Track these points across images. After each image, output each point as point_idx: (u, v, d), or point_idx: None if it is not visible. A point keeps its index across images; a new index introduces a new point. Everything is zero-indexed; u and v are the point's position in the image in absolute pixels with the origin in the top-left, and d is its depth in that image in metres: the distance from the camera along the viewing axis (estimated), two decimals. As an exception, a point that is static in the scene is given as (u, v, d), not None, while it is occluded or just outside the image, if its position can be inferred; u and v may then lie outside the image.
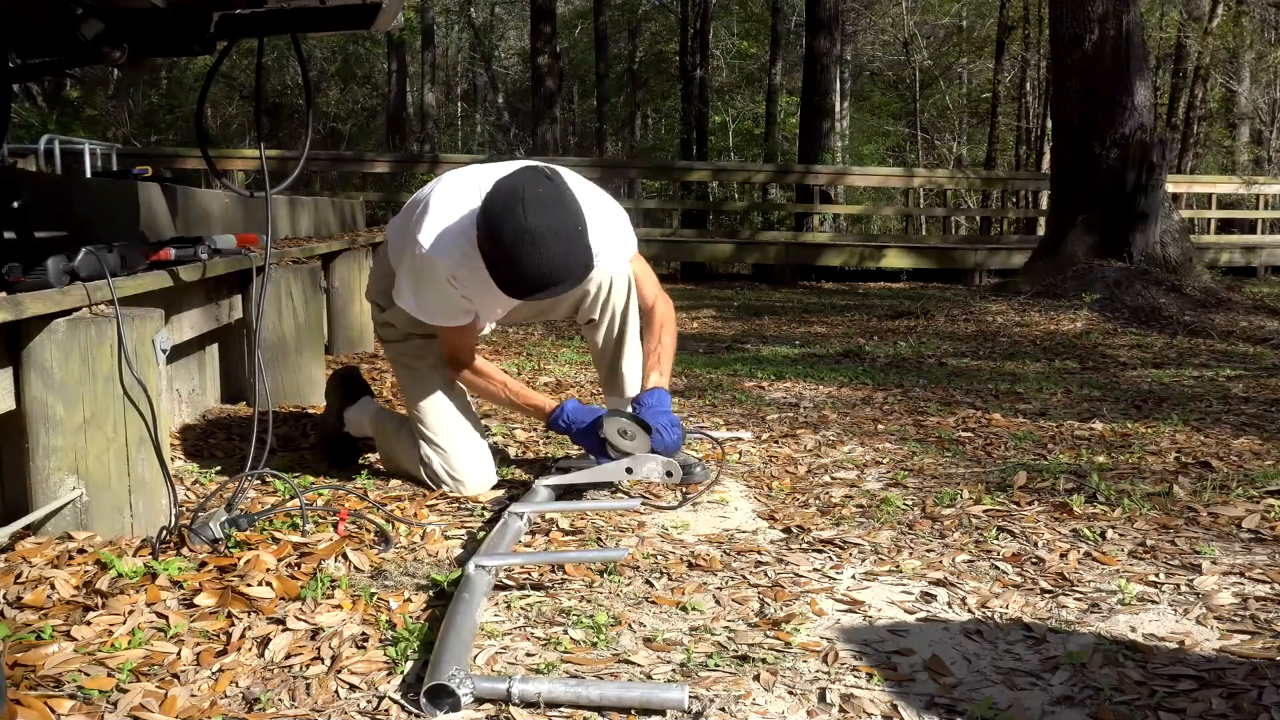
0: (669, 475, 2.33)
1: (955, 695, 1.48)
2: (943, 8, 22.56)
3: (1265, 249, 12.79)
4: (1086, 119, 7.61)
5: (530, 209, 2.00)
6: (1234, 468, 2.74)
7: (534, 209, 2.00)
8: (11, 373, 1.92)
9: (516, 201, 2.02)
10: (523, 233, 1.99)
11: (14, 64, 2.45)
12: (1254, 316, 6.67)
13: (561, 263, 2.04)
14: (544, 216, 2.01)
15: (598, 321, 2.58)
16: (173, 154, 12.01)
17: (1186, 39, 18.06)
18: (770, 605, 1.80)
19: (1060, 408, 3.64)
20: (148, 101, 21.09)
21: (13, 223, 2.29)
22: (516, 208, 2.01)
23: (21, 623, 1.66)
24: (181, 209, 3.86)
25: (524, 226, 1.99)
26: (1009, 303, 6.98)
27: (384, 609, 1.76)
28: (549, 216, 2.02)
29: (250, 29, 2.43)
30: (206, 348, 3.42)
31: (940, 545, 2.13)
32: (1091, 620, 1.75)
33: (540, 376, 4.18)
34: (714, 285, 11.09)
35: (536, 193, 2.04)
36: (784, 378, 4.31)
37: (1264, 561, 2.02)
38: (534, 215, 2.00)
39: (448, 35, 28.26)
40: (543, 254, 2.01)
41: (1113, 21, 7.45)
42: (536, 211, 2.00)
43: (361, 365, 4.32)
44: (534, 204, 2.01)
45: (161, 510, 2.05)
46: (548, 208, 2.02)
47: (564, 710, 1.41)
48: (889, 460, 2.87)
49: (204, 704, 1.43)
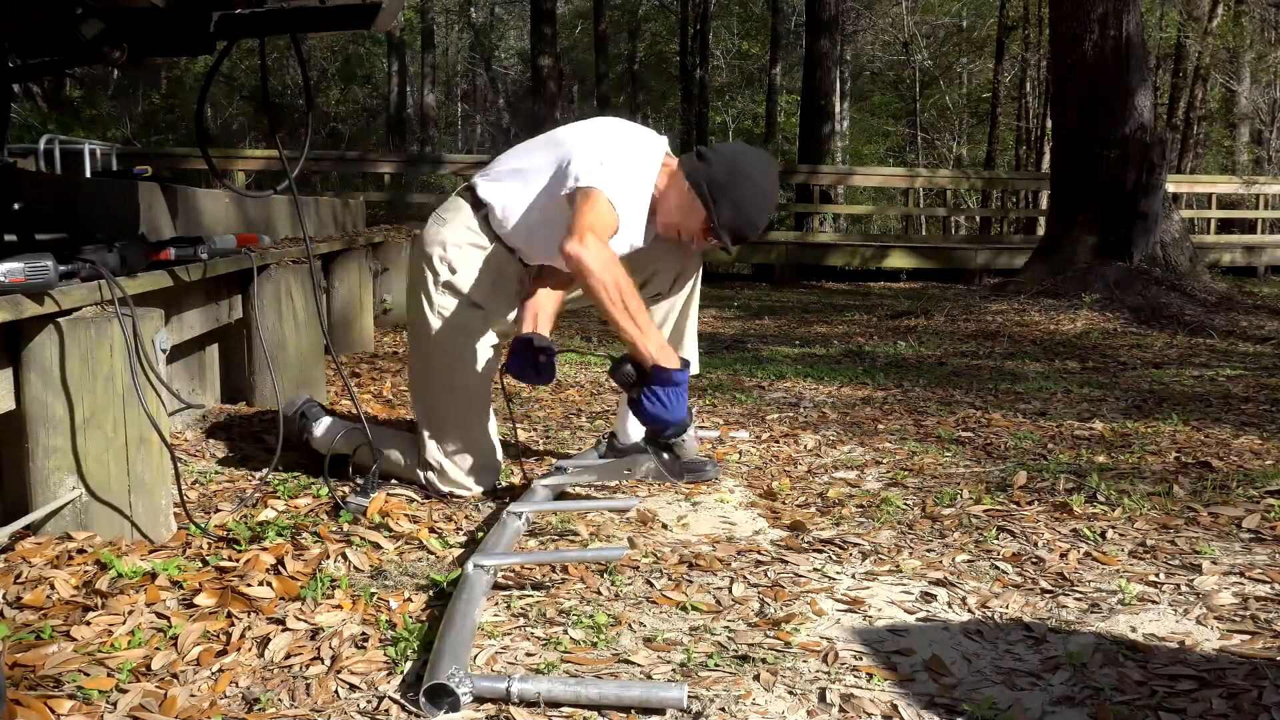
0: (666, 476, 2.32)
1: (955, 695, 1.48)
2: (943, 8, 22.57)
3: (1266, 249, 12.79)
4: (1086, 119, 7.61)
5: (775, 173, 2.40)
6: (1234, 468, 2.74)
7: (777, 175, 2.43)
8: (11, 373, 1.92)
9: (773, 162, 2.44)
10: (775, 189, 2.40)
11: (14, 64, 2.45)
12: (1254, 316, 6.67)
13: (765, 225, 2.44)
14: (778, 184, 2.46)
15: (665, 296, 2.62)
16: (173, 154, 12.03)
17: (1186, 39, 18.07)
18: (770, 605, 1.80)
19: (1060, 408, 3.64)
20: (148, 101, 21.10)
21: (13, 224, 2.29)
22: (774, 168, 2.41)
23: (21, 623, 1.65)
24: (181, 209, 3.86)
25: (776, 186, 2.40)
26: (1009, 303, 6.97)
27: (384, 609, 1.76)
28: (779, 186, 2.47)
29: (250, 29, 2.43)
30: (206, 348, 3.41)
31: (940, 545, 2.13)
32: (1092, 620, 1.75)
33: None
34: (714, 285, 11.08)
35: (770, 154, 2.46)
36: (784, 377, 4.31)
37: (1264, 561, 2.02)
38: (777, 179, 2.42)
39: (447, 36, 28.26)
40: (771, 210, 2.44)
41: (1113, 21, 7.45)
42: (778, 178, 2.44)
43: (361, 365, 4.32)
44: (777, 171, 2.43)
45: (161, 510, 2.05)
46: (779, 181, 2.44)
47: (564, 710, 1.41)
48: (889, 460, 2.87)
49: (204, 704, 1.43)
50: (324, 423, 2.64)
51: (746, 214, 2.32)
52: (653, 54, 25.63)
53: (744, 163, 2.32)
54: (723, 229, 2.31)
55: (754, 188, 2.31)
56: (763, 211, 2.36)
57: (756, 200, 2.32)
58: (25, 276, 1.79)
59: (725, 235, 2.32)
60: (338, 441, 2.57)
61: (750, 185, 2.31)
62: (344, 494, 2.35)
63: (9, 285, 1.77)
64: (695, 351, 2.73)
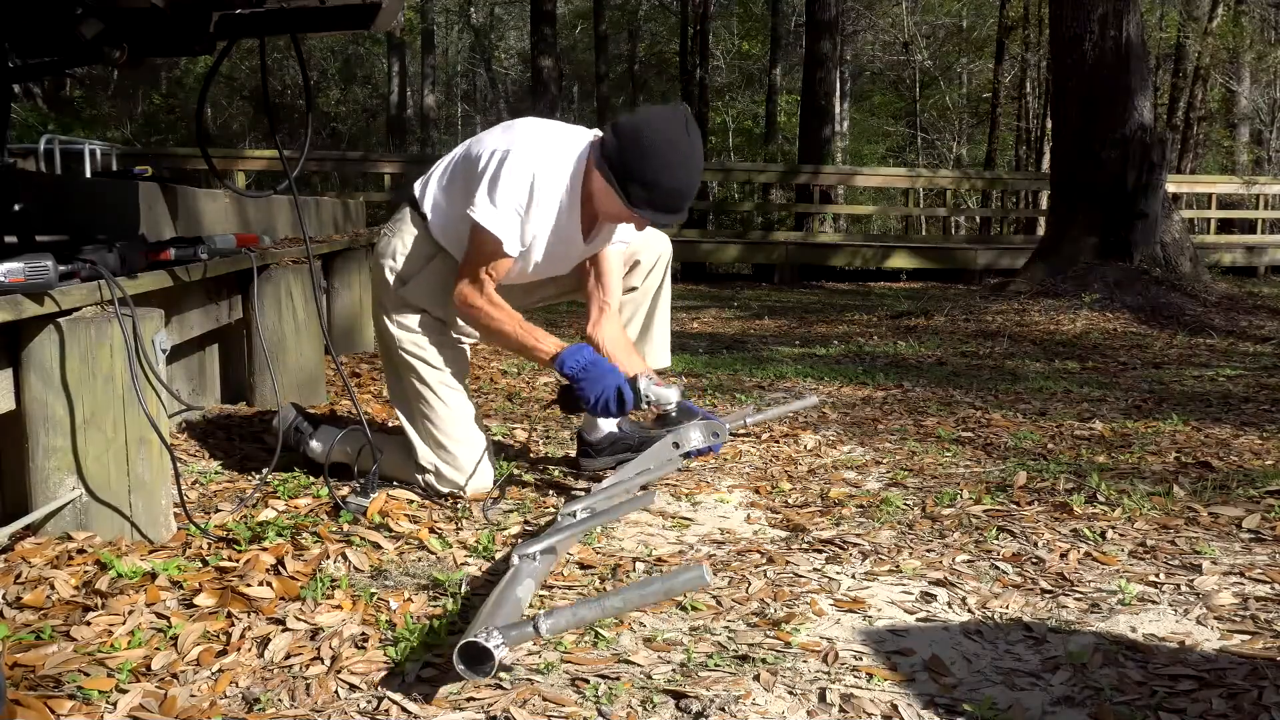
0: (715, 436, 2.36)
1: (955, 695, 1.48)
2: (943, 8, 22.57)
3: (1266, 249, 12.80)
4: (1086, 119, 7.61)
5: (693, 135, 2.19)
6: (1234, 468, 2.74)
7: (695, 136, 2.20)
8: (11, 373, 1.92)
9: (684, 121, 2.20)
10: (690, 149, 2.18)
11: (14, 64, 2.45)
12: (1254, 316, 6.67)
13: (692, 193, 2.23)
14: (700, 146, 2.22)
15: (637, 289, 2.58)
16: (173, 154, 12.02)
17: (1186, 39, 18.07)
18: (770, 605, 1.80)
19: (1060, 408, 3.64)
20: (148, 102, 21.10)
21: (13, 224, 2.29)
22: (683, 125, 2.19)
23: (21, 623, 1.66)
24: (181, 209, 3.86)
25: (691, 145, 2.18)
26: (1009, 303, 6.97)
27: (384, 609, 1.76)
28: (701, 148, 2.23)
29: (250, 29, 2.43)
30: (206, 348, 3.41)
31: (940, 545, 2.13)
32: (1092, 620, 1.75)
33: (540, 376, 4.18)
34: (715, 285, 11.09)
35: (689, 114, 2.24)
36: (785, 377, 4.31)
37: (1264, 561, 2.02)
38: (695, 141, 2.20)
39: (447, 36, 28.27)
40: (691, 177, 2.21)
41: (1113, 22, 7.45)
42: (697, 140, 2.21)
43: (361, 365, 4.32)
44: (695, 133, 2.20)
45: (161, 510, 2.05)
46: (700, 141, 2.22)
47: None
48: (889, 460, 2.87)
49: (204, 704, 1.43)
50: (320, 433, 2.61)
51: (662, 188, 2.17)
52: (653, 54, 25.63)
53: (645, 134, 2.17)
54: (639, 210, 2.19)
55: (659, 160, 2.15)
56: (678, 179, 2.18)
57: (666, 171, 2.16)
58: (25, 276, 1.79)
59: (645, 215, 2.21)
60: (334, 450, 2.55)
61: (655, 158, 2.15)
62: (344, 494, 2.35)
63: (9, 285, 1.77)
64: (665, 347, 2.67)
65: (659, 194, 2.17)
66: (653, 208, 2.19)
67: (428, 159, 13.63)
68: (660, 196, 2.17)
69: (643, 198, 2.18)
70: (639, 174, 2.16)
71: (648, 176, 2.15)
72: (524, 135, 2.29)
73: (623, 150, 2.17)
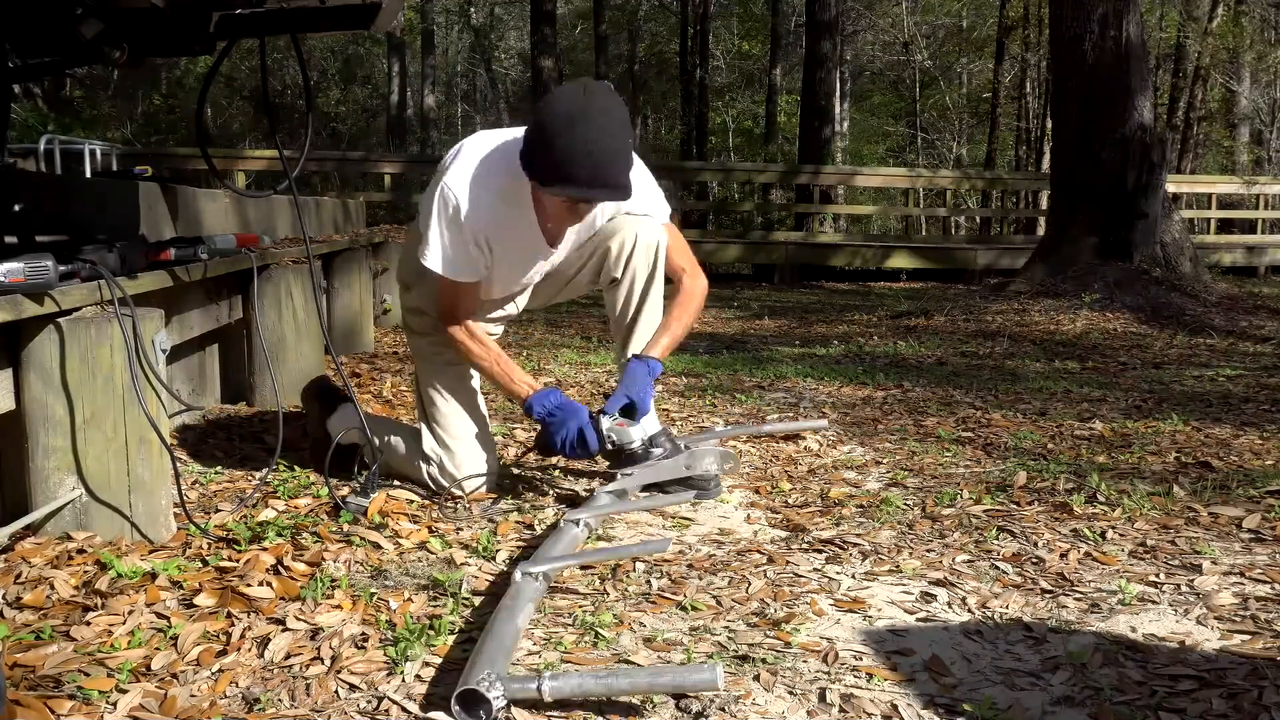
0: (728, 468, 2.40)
1: (955, 695, 1.48)
2: (943, 8, 22.57)
3: (1266, 249, 12.80)
4: (1086, 119, 7.61)
5: (591, 93, 2.04)
6: (1234, 468, 2.74)
7: (597, 94, 2.04)
8: (11, 373, 1.92)
9: (579, 89, 2.06)
10: (586, 111, 2.01)
11: (14, 64, 2.45)
12: (1254, 316, 6.67)
13: (612, 158, 2.04)
14: (606, 100, 2.04)
15: (620, 280, 2.47)
16: (173, 154, 12.02)
17: (1186, 39, 18.08)
18: (770, 605, 1.80)
19: (1060, 408, 3.64)
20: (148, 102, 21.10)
21: (13, 224, 2.29)
22: (578, 92, 2.05)
23: (21, 623, 1.66)
24: (181, 209, 3.86)
25: (586, 106, 2.01)
26: (1009, 303, 6.97)
27: (384, 609, 1.76)
28: (610, 102, 2.04)
29: (250, 29, 2.43)
30: (207, 348, 3.42)
31: (940, 545, 2.13)
32: (1092, 620, 1.75)
33: (540, 377, 4.18)
34: (715, 285, 11.08)
35: (598, 85, 2.09)
36: (784, 377, 4.31)
37: (1264, 561, 2.02)
38: (598, 99, 2.03)
39: (447, 36, 28.27)
40: (599, 137, 2.01)
41: (1113, 22, 7.45)
42: (600, 96, 2.04)
43: (361, 365, 4.32)
44: (596, 91, 2.05)
45: (161, 510, 2.05)
46: (608, 96, 2.06)
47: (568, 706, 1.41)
48: (889, 460, 2.87)
49: (204, 704, 1.43)
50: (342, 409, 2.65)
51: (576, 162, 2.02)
52: (653, 55, 25.64)
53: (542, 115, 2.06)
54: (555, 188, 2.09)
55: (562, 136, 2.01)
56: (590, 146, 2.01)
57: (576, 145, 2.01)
58: (25, 276, 1.79)
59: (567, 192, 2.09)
60: (352, 431, 2.56)
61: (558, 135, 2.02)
62: (344, 494, 2.35)
63: (9, 285, 1.77)
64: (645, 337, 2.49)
65: (566, 166, 2.03)
66: (572, 183, 2.06)
67: (428, 159, 13.65)
68: (568, 167, 2.03)
69: (556, 176, 2.06)
70: (540, 159, 2.06)
71: (556, 155, 2.03)
72: (460, 161, 2.24)
73: (529, 141, 2.09)
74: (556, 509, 2.37)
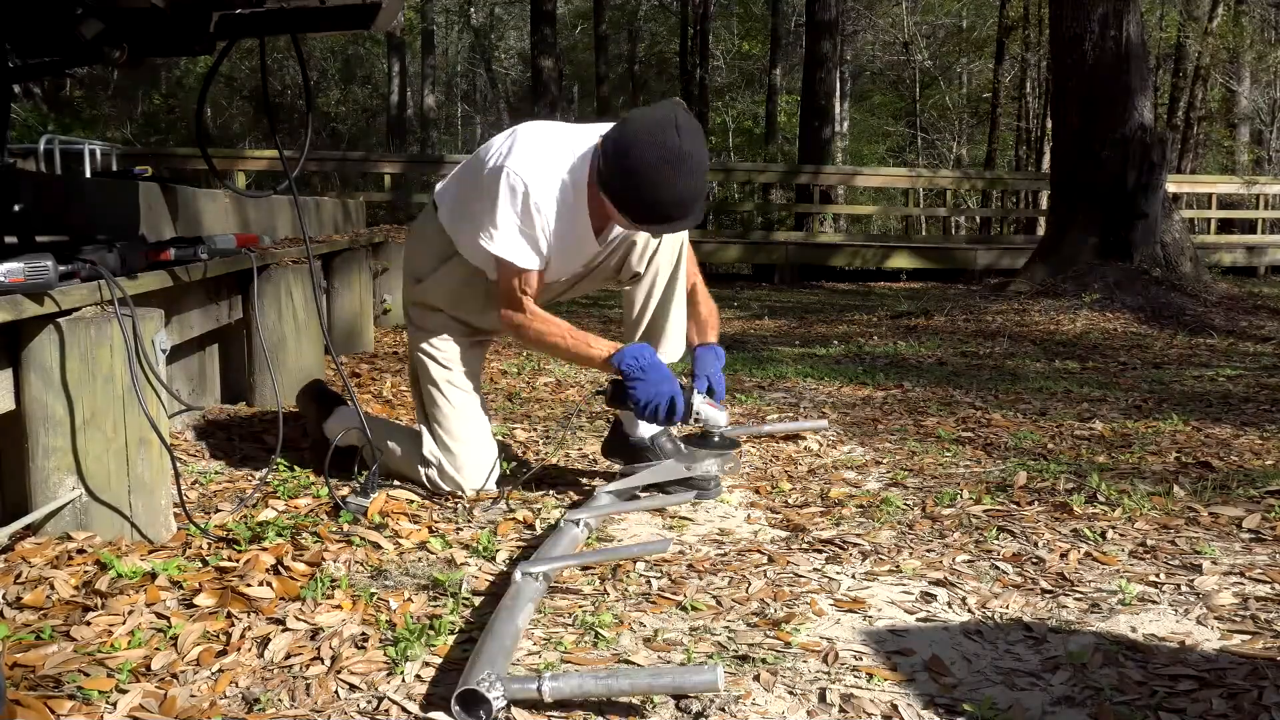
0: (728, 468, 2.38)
1: (955, 695, 1.48)
2: (943, 8, 22.58)
3: (1266, 249, 12.80)
4: (1086, 119, 7.61)
5: (684, 134, 2.05)
6: (1234, 468, 2.74)
7: (687, 135, 2.06)
8: (11, 373, 1.92)
9: (670, 126, 2.06)
10: (680, 155, 2.04)
11: (14, 64, 2.45)
12: (1254, 316, 6.67)
13: (699, 193, 2.11)
14: (696, 143, 2.07)
15: (642, 276, 2.46)
16: (173, 155, 12.02)
17: (1186, 39, 18.08)
18: (770, 605, 1.80)
19: (1060, 408, 3.64)
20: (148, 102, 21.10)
21: (13, 225, 2.29)
22: (670, 131, 2.05)
23: (21, 623, 1.66)
24: (181, 209, 3.86)
25: (681, 149, 2.04)
26: (1009, 303, 6.97)
27: (384, 609, 1.76)
28: (699, 144, 2.08)
29: (250, 29, 2.43)
30: (207, 348, 3.42)
31: (940, 545, 2.13)
32: (1092, 620, 1.74)
33: (540, 377, 4.18)
34: (716, 285, 11.07)
35: (690, 121, 2.09)
36: (785, 377, 4.31)
37: (1264, 561, 2.02)
38: (688, 140, 2.05)
39: (447, 36, 28.27)
40: (692, 180, 2.07)
41: (1113, 21, 7.45)
42: (690, 138, 2.06)
43: (361, 365, 4.32)
44: (687, 130, 2.06)
45: (161, 510, 2.05)
46: (697, 135, 2.09)
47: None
48: (889, 460, 2.87)
49: (204, 704, 1.43)
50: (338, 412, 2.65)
51: (662, 203, 2.09)
52: (653, 55, 25.65)
53: (632, 155, 2.08)
54: (644, 227, 2.17)
55: (650, 179, 2.06)
56: (676, 191, 2.08)
57: (662, 188, 2.07)
58: (25, 277, 1.79)
59: (653, 229, 2.18)
60: (350, 433, 2.55)
61: (646, 178, 2.07)
62: (344, 494, 2.35)
63: (9, 285, 1.77)
64: (679, 340, 2.54)
65: (660, 209, 2.11)
66: (656, 221, 2.14)
67: (428, 159, 13.67)
68: (662, 210, 2.11)
69: (644, 215, 2.13)
70: (634, 196, 2.11)
71: (644, 196, 2.09)
72: (520, 147, 2.24)
73: (614, 174, 2.11)
74: (557, 509, 2.37)
